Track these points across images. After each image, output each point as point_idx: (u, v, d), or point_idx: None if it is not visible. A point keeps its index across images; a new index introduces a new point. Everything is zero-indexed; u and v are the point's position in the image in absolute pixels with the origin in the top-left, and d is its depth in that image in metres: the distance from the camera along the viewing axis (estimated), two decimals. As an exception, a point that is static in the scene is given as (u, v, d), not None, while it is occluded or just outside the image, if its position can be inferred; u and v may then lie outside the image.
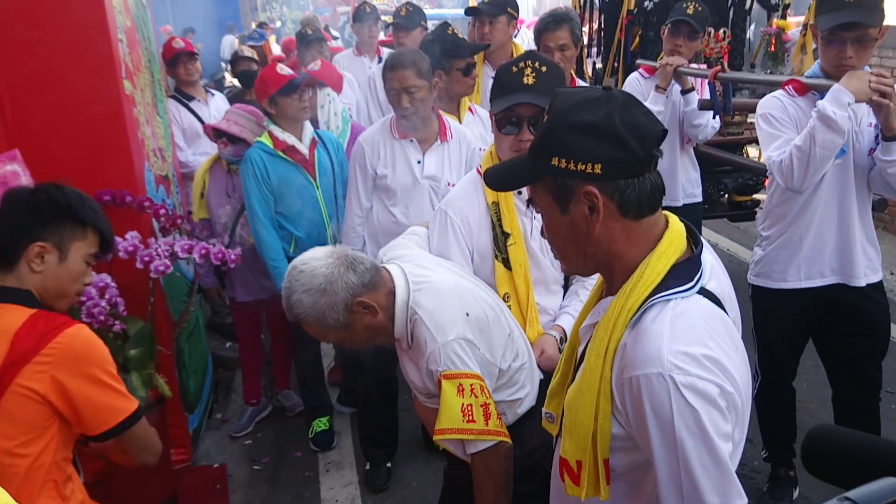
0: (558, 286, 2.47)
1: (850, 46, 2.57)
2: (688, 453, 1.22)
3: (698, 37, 4.03)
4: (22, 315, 1.78)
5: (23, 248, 1.82)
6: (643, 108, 1.33)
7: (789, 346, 3.07)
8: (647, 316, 1.28)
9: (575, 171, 1.29)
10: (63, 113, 2.79)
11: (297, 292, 1.93)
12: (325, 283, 1.91)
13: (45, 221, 1.85)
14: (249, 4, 24.39)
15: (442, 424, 1.93)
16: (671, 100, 3.95)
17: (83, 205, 1.91)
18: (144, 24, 3.62)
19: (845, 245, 2.80)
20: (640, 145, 1.28)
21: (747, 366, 1.36)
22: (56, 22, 2.73)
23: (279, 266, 3.49)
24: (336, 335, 2.00)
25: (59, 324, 1.78)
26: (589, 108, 1.29)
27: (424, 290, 2.01)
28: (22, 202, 1.86)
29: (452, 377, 1.92)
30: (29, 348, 1.73)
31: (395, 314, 1.99)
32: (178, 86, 4.82)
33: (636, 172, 1.30)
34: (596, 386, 1.33)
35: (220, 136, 3.62)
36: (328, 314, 1.92)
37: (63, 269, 1.88)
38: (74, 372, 1.77)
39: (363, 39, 5.78)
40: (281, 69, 3.45)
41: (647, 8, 4.93)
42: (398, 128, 3.19)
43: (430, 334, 1.94)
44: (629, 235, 1.34)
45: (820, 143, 2.51)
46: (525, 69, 2.21)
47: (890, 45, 6.23)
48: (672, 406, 1.21)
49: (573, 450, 1.38)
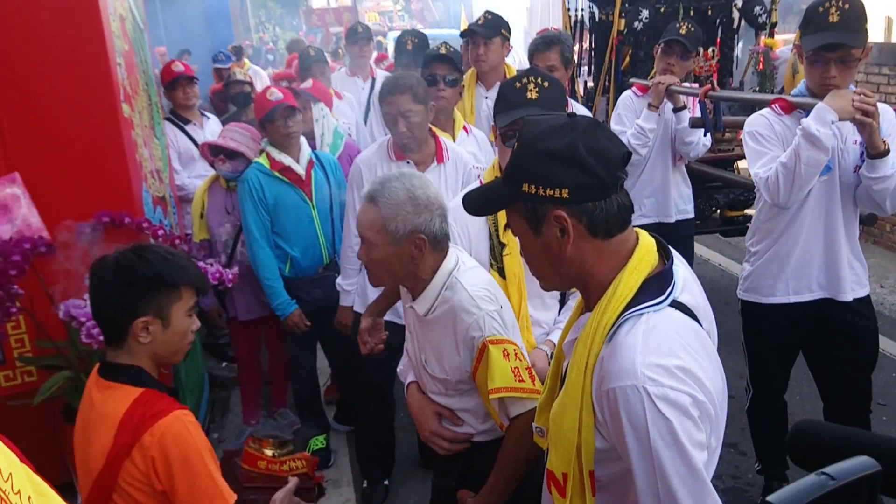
0: (554, 300, 2.51)
1: (833, 66, 2.62)
2: (663, 462, 1.26)
3: (690, 56, 4.10)
4: (128, 398, 1.78)
5: (127, 327, 1.81)
6: (607, 132, 1.39)
7: (780, 360, 3.11)
8: (622, 330, 1.34)
9: (544, 197, 1.36)
10: (62, 135, 2.83)
11: (401, 182, 2.02)
12: (423, 202, 2.01)
13: (140, 297, 1.82)
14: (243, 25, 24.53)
15: (495, 383, 1.97)
16: (663, 117, 4.01)
17: (169, 266, 1.86)
18: (142, 48, 3.67)
19: (832, 260, 2.85)
20: (604, 169, 1.34)
21: (722, 375, 1.40)
22: (56, 46, 2.77)
23: (274, 285, 3.53)
24: (379, 238, 2.02)
25: (155, 412, 1.76)
26: (553, 135, 1.36)
27: (470, 272, 2.10)
28: (111, 282, 1.82)
29: (497, 342, 1.99)
30: (127, 441, 1.74)
31: (433, 279, 2.06)
32: (174, 109, 4.85)
33: (602, 195, 1.36)
34: (578, 400, 1.38)
35: (217, 153, 3.66)
36: (397, 218, 1.98)
37: (170, 334, 1.87)
38: (167, 465, 1.74)
39: (356, 60, 5.83)
40: (271, 94, 3.50)
41: (636, 28, 5.00)
42: (395, 150, 3.24)
43: (472, 301, 2.01)
44: (600, 254, 1.40)
45: (805, 160, 2.56)
46: (528, 84, 2.32)
47: (876, 62, 6.33)
48: (647, 417, 1.26)
49: (559, 462, 1.43)
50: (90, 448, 1.79)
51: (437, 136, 3.28)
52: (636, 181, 4.19)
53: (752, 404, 3.21)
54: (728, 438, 1.46)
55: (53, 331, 2.78)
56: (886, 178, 2.62)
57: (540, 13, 20.38)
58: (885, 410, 4.03)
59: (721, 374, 1.40)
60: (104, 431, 1.76)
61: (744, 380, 3.24)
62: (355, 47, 5.76)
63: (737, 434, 3.62)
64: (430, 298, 2.07)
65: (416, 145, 3.16)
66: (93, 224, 2.84)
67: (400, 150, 3.22)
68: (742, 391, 3.25)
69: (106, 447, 1.75)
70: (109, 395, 1.81)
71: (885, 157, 2.60)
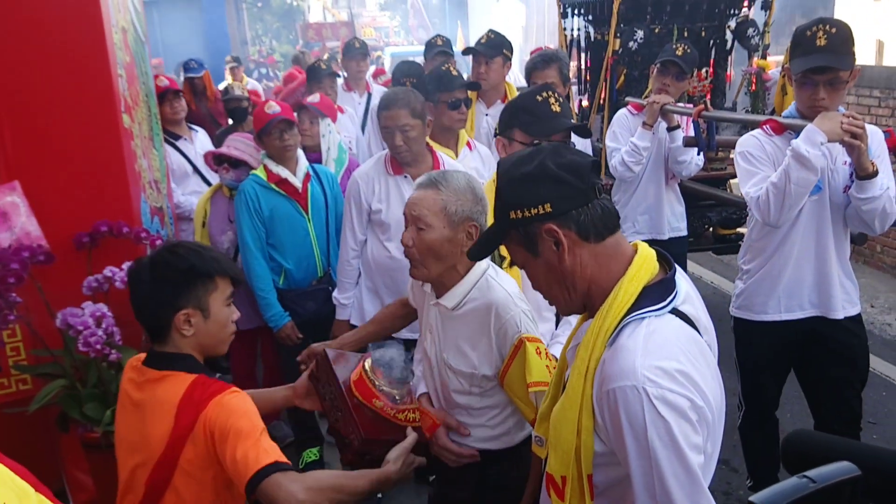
0: (551, 313, 2.55)
1: (822, 89, 2.67)
2: (660, 462, 1.29)
3: (686, 77, 4.17)
4: (183, 383, 1.85)
5: (168, 322, 1.89)
6: (571, 150, 1.51)
7: (772, 377, 3.14)
8: (623, 333, 1.38)
9: (531, 217, 1.44)
10: (63, 145, 2.84)
11: (463, 175, 2.15)
12: (479, 195, 2.12)
13: (178, 291, 1.89)
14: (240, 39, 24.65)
15: (534, 377, 2.04)
16: (657, 136, 4.07)
17: (202, 258, 1.93)
18: (143, 60, 3.70)
19: (823, 279, 2.89)
20: (576, 177, 1.43)
21: (721, 386, 1.44)
22: (58, 56, 2.79)
23: (268, 297, 3.55)
24: (436, 221, 2.08)
25: (212, 391, 1.84)
26: (524, 162, 1.48)
27: (500, 273, 2.20)
28: (148, 281, 1.89)
29: (533, 340, 2.07)
30: (189, 421, 1.80)
31: (466, 275, 2.13)
32: (163, 124, 4.82)
33: (583, 201, 1.44)
34: (578, 403, 1.41)
35: (220, 162, 3.69)
36: (458, 202, 2.08)
37: (211, 324, 1.94)
38: (222, 434, 1.79)
39: (352, 75, 5.87)
40: (269, 108, 3.53)
41: (631, 48, 5.07)
42: (392, 164, 3.27)
43: (510, 299, 2.09)
44: (597, 258, 1.45)
45: (794, 180, 2.60)
46: (549, 98, 2.51)
47: (867, 85, 6.41)
48: (645, 417, 1.29)
49: (558, 465, 1.46)
50: (149, 435, 1.84)
51: (433, 151, 3.32)
52: (630, 198, 4.24)
53: (744, 421, 3.24)
54: (720, 454, 1.49)
55: (50, 339, 2.78)
56: (875, 198, 2.67)
57: (535, 32, 20.55)
58: (876, 429, 4.06)
59: (720, 385, 1.43)
60: (163, 416, 1.82)
61: (736, 396, 3.27)
62: (352, 62, 5.81)
63: (728, 450, 3.64)
64: (462, 293, 2.13)
65: (413, 159, 3.20)
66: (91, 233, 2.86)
67: (397, 164, 3.25)
68: (734, 408, 3.27)
69: (167, 430, 1.81)
70: (162, 383, 1.87)
71: (873, 179, 2.65)
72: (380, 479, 1.91)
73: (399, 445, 1.98)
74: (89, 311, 2.68)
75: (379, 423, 2.09)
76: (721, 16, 5.34)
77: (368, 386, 2.12)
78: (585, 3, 5.59)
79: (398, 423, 2.13)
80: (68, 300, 2.73)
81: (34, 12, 2.74)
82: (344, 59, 5.93)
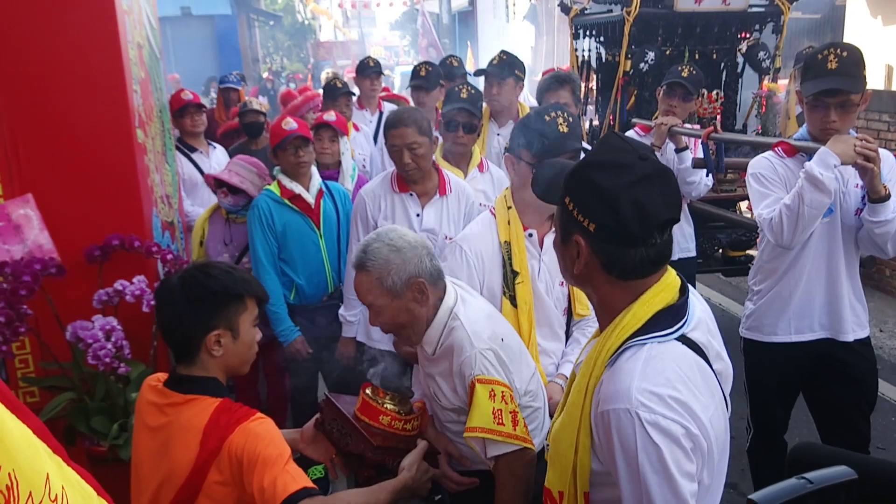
0: (562, 330, 2.55)
1: (833, 111, 2.69)
2: (650, 488, 1.28)
3: (692, 98, 4.18)
4: (209, 408, 1.86)
5: (199, 342, 1.90)
6: (668, 188, 1.37)
7: (781, 399, 3.12)
8: (624, 356, 1.37)
9: (575, 219, 1.40)
10: (77, 159, 2.86)
11: (380, 242, 2.07)
12: (407, 249, 2.05)
13: (210, 312, 1.90)
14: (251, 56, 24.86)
15: (473, 423, 2.01)
16: (665, 158, 4.07)
17: (233, 279, 1.95)
18: (157, 76, 3.74)
19: (833, 301, 2.88)
20: (639, 223, 1.33)
21: (724, 415, 1.42)
22: (74, 71, 2.82)
23: (279, 311, 3.55)
24: (381, 299, 2.06)
25: (238, 417, 1.85)
26: (608, 170, 1.36)
27: (469, 305, 2.14)
28: (180, 301, 1.90)
29: (486, 382, 2.02)
30: (215, 446, 1.81)
31: (436, 318, 2.09)
32: (181, 136, 4.90)
33: (625, 244, 1.36)
34: (577, 420, 1.41)
35: (220, 185, 3.71)
36: (391, 274, 2.03)
37: (239, 345, 1.96)
38: (250, 462, 1.80)
39: (365, 93, 5.90)
40: (286, 124, 3.56)
41: (642, 69, 5.09)
42: (398, 182, 3.28)
43: (468, 339, 2.05)
44: (612, 287, 1.43)
45: (808, 202, 2.60)
46: (557, 118, 2.49)
47: (876, 109, 6.41)
48: (637, 441, 1.28)
49: (556, 481, 1.46)
50: (173, 459, 1.84)
51: (439, 169, 3.34)
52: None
53: (753, 444, 3.21)
54: (728, 478, 1.48)
55: (59, 352, 2.79)
56: (887, 221, 2.67)
57: (545, 53, 20.66)
58: (884, 454, 4.02)
59: (724, 414, 1.42)
60: (189, 440, 1.82)
61: (744, 420, 3.25)
62: (366, 81, 5.84)
63: (737, 475, 3.61)
64: (435, 337, 2.11)
65: (420, 177, 3.22)
66: (102, 247, 2.88)
67: (403, 182, 3.27)
68: (743, 431, 3.25)
69: (192, 455, 1.81)
70: (187, 408, 1.87)
71: (886, 202, 2.65)
72: (397, 487, 1.94)
73: (411, 453, 2.00)
74: (99, 325, 2.69)
75: (388, 436, 2.11)
76: (732, 38, 5.36)
77: (372, 406, 2.12)
78: (597, 24, 5.63)
79: (407, 434, 2.14)
80: (78, 313, 2.74)
81: (51, 27, 2.77)
82: (357, 77, 5.96)
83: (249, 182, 3.68)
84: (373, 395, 2.15)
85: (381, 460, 2.05)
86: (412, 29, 29.18)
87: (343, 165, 4.13)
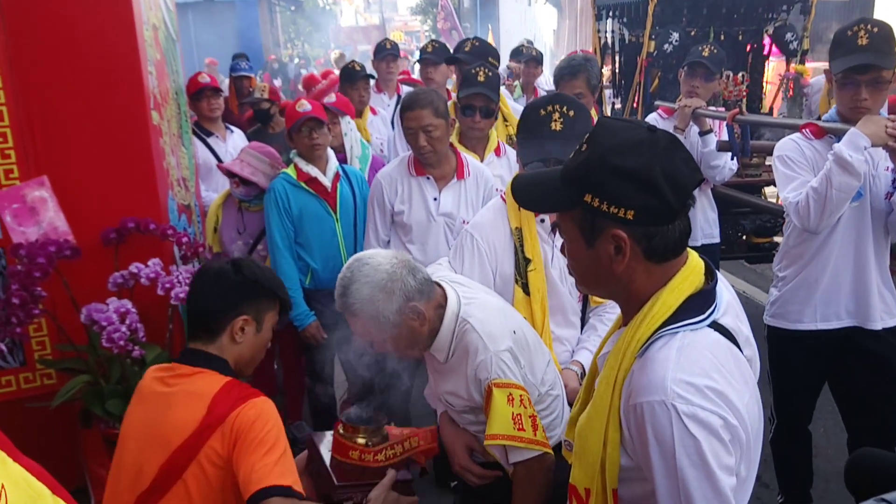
0: (576, 317, 2.49)
1: (864, 89, 2.61)
2: (688, 483, 1.22)
3: (715, 78, 4.10)
4: (219, 381, 1.90)
5: (228, 321, 1.99)
6: (684, 153, 1.32)
7: (805, 389, 3.05)
8: (655, 345, 1.30)
9: (606, 213, 1.30)
10: (92, 141, 2.85)
11: (357, 282, 1.96)
12: (387, 280, 1.95)
13: (249, 297, 2.02)
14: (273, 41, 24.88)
15: (493, 430, 1.96)
16: (689, 141, 4.00)
17: (272, 278, 2.10)
18: (174, 58, 3.72)
19: (861, 287, 2.80)
20: (675, 195, 1.28)
21: (759, 403, 1.36)
22: (89, 53, 2.80)
23: (294, 295, 3.52)
24: (379, 334, 2.00)
25: (250, 392, 1.90)
26: (632, 151, 1.28)
27: (475, 304, 2.06)
28: (230, 279, 2.01)
29: (503, 386, 1.96)
30: (224, 411, 1.83)
31: (441, 326, 2.02)
32: (198, 120, 4.88)
33: (667, 221, 1.31)
34: (605, 414, 1.34)
35: (232, 175, 3.69)
36: (381, 310, 1.94)
37: (259, 339, 2.06)
38: (254, 437, 1.81)
39: (382, 76, 5.86)
40: (300, 106, 3.51)
41: (666, 51, 5.00)
42: (415, 165, 3.24)
43: (482, 342, 1.98)
44: (649, 276, 1.36)
45: (836, 185, 2.52)
46: (553, 114, 2.25)
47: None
48: (674, 435, 1.22)
49: (582, 477, 1.40)
50: (172, 421, 1.85)
51: (458, 152, 3.28)
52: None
53: (777, 434, 3.15)
54: (751, 469, 1.42)
55: (74, 334, 2.79)
56: (919, 207, 2.59)
57: (567, 35, 20.46)
58: (913, 446, 3.93)
59: (758, 402, 1.36)
60: (195, 405, 1.84)
61: (768, 409, 3.18)
62: (382, 63, 5.79)
63: (760, 465, 3.54)
64: (445, 345, 2.05)
65: (436, 160, 3.17)
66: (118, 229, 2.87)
67: (420, 165, 3.22)
68: (766, 421, 3.17)
69: (197, 416, 1.83)
70: (196, 378, 1.91)
71: (917, 186, 2.57)
72: None
73: (378, 485, 1.94)
74: (114, 307, 2.68)
75: (354, 472, 2.03)
76: (759, 20, 5.25)
77: (342, 442, 2.05)
78: (620, 4, 5.53)
79: (377, 466, 2.04)
80: (94, 296, 2.74)
81: (65, 9, 2.75)
82: (374, 60, 5.92)
83: (261, 173, 3.64)
84: (343, 433, 2.07)
85: (347, 498, 2.00)
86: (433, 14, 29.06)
87: (346, 146, 4.08)
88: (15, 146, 2.76)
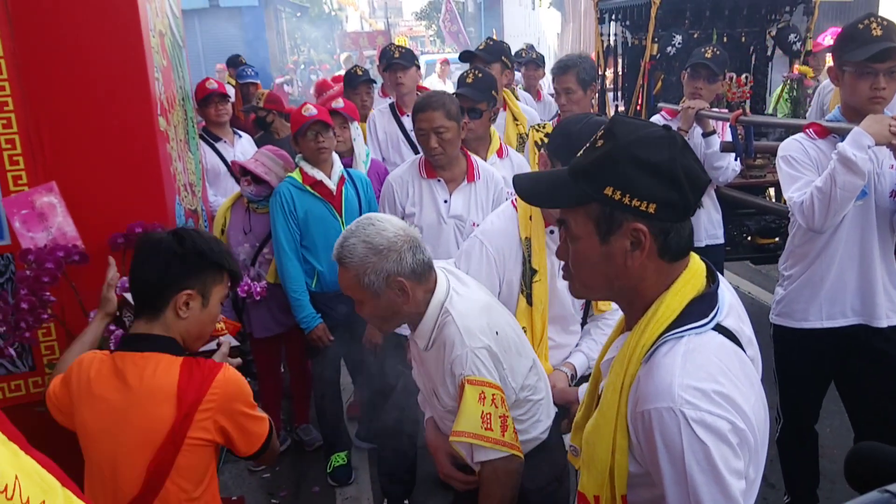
0: (577, 326, 2.49)
1: (882, 77, 2.60)
2: (698, 489, 1.22)
3: (718, 79, 4.12)
4: (174, 366, 1.86)
5: (171, 297, 1.90)
6: (693, 154, 1.35)
7: (811, 388, 3.05)
8: (660, 351, 1.30)
9: (628, 206, 1.29)
10: (99, 147, 2.87)
11: (357, 237, 1.99)
12: (385, 247, 1.97)
13: (192, 270, 1.92)
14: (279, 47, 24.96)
15: (459, 427, 1.96)
16: (693, 142, 4.00)
17: (219, 249, 2.00)
18: (180, 64, 3.74)
19: (867, 285, 2.80)
20: (693, 192, 1.30)
21: (764, 405, 1.36)
22: (96, 59, 2.82)
23: (300, 298, 3.55)
24: (361, 295, 2.02)
25: (209, 369, 1.89)
26: (654, 146, 1.30)
27: (461, 297, 2.06)
28: (169, 252, 1.91)
29: (476, 383, 1.96)
30: (193, 399, 1.82)
31: (426, 311, 2.03)
32: (206, 126, 4.91)
33: (683, 217, 1.32)
34: (612, 421, 1.34)
35: (245, 173, 3.71)
36: (369, 272, 1.96)
37: (205, 314, 1.97)
38: (231, 411, 1.88)
39: (388, 81, 5.86)
40: (306, 110, 3.54)
41: (669, 53, 5.00)
42: (426, 167, 3.25)
43: (459, 336, 1.98)
44: (659, 275, 1.35)
45: (840, 184, 2.52)
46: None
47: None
48: (682, 441, 1.22)
49: (591, 485, 1.39)
50: (148, 419, 1.83)
51: (468, 155, 3.29)
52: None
53: (783, 434, 3.15)
54: (757, 469, 1.42)
55: (83, 339, 2.80)
56: (923, 205, 2.58)
57: (570, 39, 20.47)
58: (921, 445, 3.92)
59: (764, 404, 1.36)
60: (160, 402, 1.82)
61: (774, 409, 3.18)
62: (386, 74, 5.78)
63: (766, 465, 3.53)
64: (427, 332, 2.06)
65: (447, 162, 3.18)
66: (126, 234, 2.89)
67: (431, 167, 3.23)
68: (772, 421, 3.16)
69: (167, 415, 1.81)
70: (147, 368, 1.85)
71: (922, 184, 2.57)
72: None
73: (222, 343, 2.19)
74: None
75: None
76: (762, 21, 5.25)
77: None
78: (623, 7, 5.54)
79: None
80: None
81: (72, 17, 2.78)
82: (379, 65, 5.92)
83: (274, 174, 3.68)
84: None
85: None
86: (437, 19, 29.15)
87: (356, 151, 4.10)
88: (23, 152, 2.77)
